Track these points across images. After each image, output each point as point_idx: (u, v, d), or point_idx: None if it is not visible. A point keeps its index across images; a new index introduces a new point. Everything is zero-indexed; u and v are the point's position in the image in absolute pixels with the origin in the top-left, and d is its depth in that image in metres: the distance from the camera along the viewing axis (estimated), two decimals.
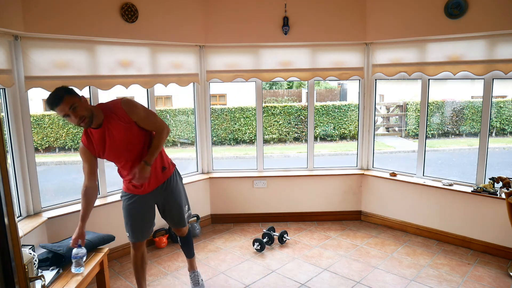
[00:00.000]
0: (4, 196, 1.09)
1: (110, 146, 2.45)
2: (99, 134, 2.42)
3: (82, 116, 2.26)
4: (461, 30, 3.52)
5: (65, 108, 2.21)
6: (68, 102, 2.21)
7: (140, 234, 2.75)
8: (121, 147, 2.46)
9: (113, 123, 2.40)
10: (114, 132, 2.41)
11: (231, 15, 4.11)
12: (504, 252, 3.56)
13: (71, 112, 2.22)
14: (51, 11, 3.05)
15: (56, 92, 2.25)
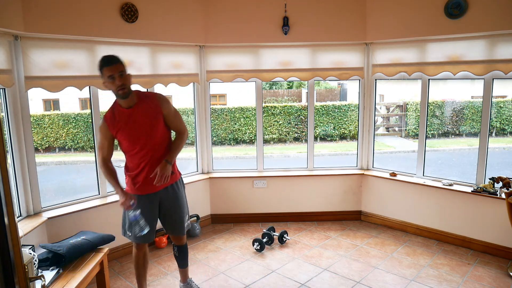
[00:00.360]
0: (4, 196, 1.09)
1: (133, 126, 2.49)
2: (127, 113, 2.50)
3: (124, 84, 2.38)
4: (461, 30, 3.52)
5: (116, 70, 2.35)
6: (120, 67, 2.38)
7: (142, 236, 2.68)
8: (143, 129, 2.50)
9: (144, 108, 2.51)
10: (142, 115, 2.50)
11: (231, 15, 4.11)
12: (504, 252, 3.56)
13: (118, 76, 2.35)
14: (51, 11, 3.05)
15: (112, 55, 2.40)
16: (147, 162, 2.57)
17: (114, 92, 2.42)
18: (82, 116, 11.40)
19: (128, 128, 2.49)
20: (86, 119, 11.30)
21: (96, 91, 3.60)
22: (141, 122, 2.50)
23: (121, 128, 2.49)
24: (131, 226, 2.65)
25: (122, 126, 2.49)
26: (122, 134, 2.50)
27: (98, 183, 3.74)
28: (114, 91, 2.40)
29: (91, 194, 3.73)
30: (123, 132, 2.50)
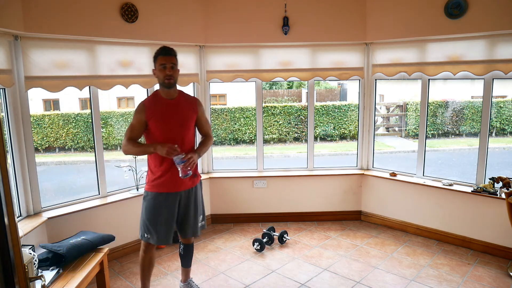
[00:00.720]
0: (4, 196, 1.09)
1: (170, 115, 2.58)
2: (167, 103, 2.61)
3: (172, 75, 2.54)
4: (461, 30, 3.52)
5: (169, 60, 2.52)
6: (174, 59, 2.55)
7: (165, 237, 2.66)
8: (178, 121, 2.61)
9: (183, 103, 2.67)
10: (180, 108, 2.64)
11: (231, 15, 4.11)
12: (504, 252, 3.56)
13: (169, 67, 2.52)
14: (51, 11, 3.05)
15: (171, 48, 2.57)
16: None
17: (161, 81, 2.56)
18: (82, 116, 11.41)
19: (165, 116, 2.56)
20: (86, 119, 11.31)
21: (96, 91, 3.60)
22: (178, 114, 2.61)
23: (158, 115, 2.55)
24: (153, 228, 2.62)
25: (160, 113, 2.56)
26: (157, 121, 2.55)
27: (98, 183, 3.74)
28: (161, 79, 2.54)
29: (91, 194, 3.73)
30: (159, 119, 2.55)
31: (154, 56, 2.56)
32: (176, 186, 2.63)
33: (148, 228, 2.65)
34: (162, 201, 2.62)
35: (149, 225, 2.64)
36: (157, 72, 2.56)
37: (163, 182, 2.61)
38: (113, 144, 11.75)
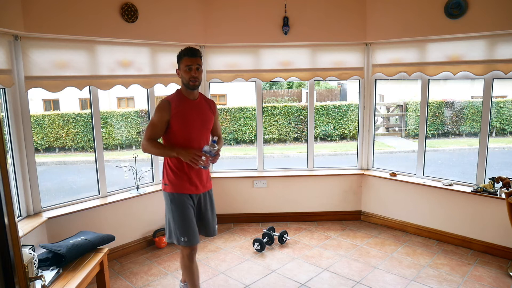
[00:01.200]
0: (4, 196, 1.09)
1: (195, 116, 2.56)
2: (192, 103, 2.59)
3: (197, 77, 2.51)
4: (461, 30, 3.52)
5: (196, 62, 2.49)
6: (199, 61, 2.52)
7: (197, 236, 2.61)
8: (201, 121, 2.60)
9: (204, 104, 2.67)
10: (203, 109, 2.64)
11: (231, 15, 4.11)
12: (504, 252, 3.56)
13: (195, 68, 2.49)
14: (51, 11, 3.06)
15: (196, 49, 2.52)
16: None
17: (185, 82, 2.52)
18: (82, 116, 11.41)
19: (189, 116, 2.53)
20: (86, 119, 11.31)
21: (96, 91, 3.60)
22: (200, 115, 2.60)
23: (182, 114, 2.51)
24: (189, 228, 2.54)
25: (184, 112, 2.52)
26: (181, 120, 2.50)
27: (98, 183, 3.74)
28: (186, 80, 2.50)
29: (91, 194, 3.73)
30: (183, 119, 2.51)
31: (179, 56, 2.52)
32: (199, 188, 2.61)
33: (184, 229, 2.54)
34: (187, 201, 2.58)
35: (184, 226, 2.54)
36: (181, 73, 2.52)
37: (188, 183, 2.57)
38: (113, 144, 11.75)
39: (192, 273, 2.68)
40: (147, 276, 3.38)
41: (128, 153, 11.22)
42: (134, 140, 11.90)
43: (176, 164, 2.56)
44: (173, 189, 2.57)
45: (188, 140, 2.53)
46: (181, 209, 2.55)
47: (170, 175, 2.58)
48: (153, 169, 4.12)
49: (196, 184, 2.60)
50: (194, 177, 2.58)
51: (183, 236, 2.54)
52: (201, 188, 2.64)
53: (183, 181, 2.56)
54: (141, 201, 3.88)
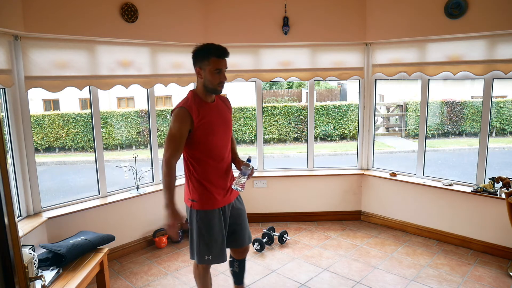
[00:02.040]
0: (4, 196, 1.09)
1: (218, 121, 2.30)
2: (211, 106, 2.31)
3: (224, 82, 2.28)
4: (461, 30, 3.52)
5: (225, 65, 2.27)
6: (226, 63, 2.30)
7: (223, 254, 2.40)
8: (225, 125, 2.36)
9: (223, 106, 2.42)
10: (222, 110, 2.39)
11: (231, 15, 4.11)
12: (504, 252, 3.56)
13: (225, 70, 2.28)
14: (51, 11, 3.05)
15: (226, 48, 2.28)
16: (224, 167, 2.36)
17: (210, 85, 2.23)
18: (82, 116, 11.41)
19: (213, 123, 2.26)
20: (86, 119, 11.31)
21: (96, 91, 3.60)
22: (223, 117, 2.35)
23: (206, 122, 2.22)
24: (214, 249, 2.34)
25: (207, 119, 2.23)
26: (206, 129, 2.22)
27: (98, 183, 3.74)
28: (213, 84, 2.22)
29: (91, 194, 3.73)
30: (207, 127, 2.22)
31: (204, 53, 2.19)
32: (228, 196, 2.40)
33: (211, 248, 2.33)
34: (218, 217, 2.34)
35: (211, 244, 2.33)
36: (208, 75, 2.19)
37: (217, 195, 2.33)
38: (113, 144, 11.75)
39: (206, 284, 2.54)
40: (147, 276, 3.38)
41: (128, 153, 11.22)
42: (134, 140, 11.90)
43: (203, 175, 2.29)
44: (203, 206, 2.31)
45: (213, 148, 2.27)
46: (211, 227, 2.32)
47: (197, 189, 2.31)
48: (153, 169, 4.12)
49: (225, 194, 2.37)
50: (222, 186, 2.35)
51: (208, 255, 2.34)
52: (231, 197, 2.43)
53: (212, 195, 2.31)
54: (141, 201, 3.88)
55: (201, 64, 2.21)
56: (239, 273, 2.72)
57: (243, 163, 2.37)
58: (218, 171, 2.33)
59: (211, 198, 2.32)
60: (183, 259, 3.69)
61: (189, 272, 3.43)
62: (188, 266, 3.54)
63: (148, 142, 5.33)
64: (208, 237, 2.33)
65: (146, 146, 11.52)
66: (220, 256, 2.38)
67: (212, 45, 2.21)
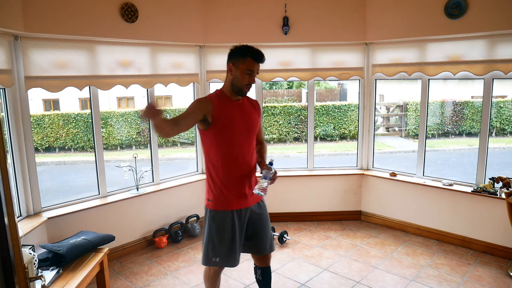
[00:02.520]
0: (4, 196, 1.09)
1: (239, 118, 2.26)
2: (235, 104, 2.29)
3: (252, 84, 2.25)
4: (461, 30, 3.52)
5: (258, 68, 2.23)
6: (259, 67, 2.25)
7: (233, 258, 2.33)
8: (248, 124, 2.31)
9: (248, 105, 2.37)
10: (247, 110, 2.34)
11: (231, 15, 4.11)
12: (504, 252, 3.56)
13: (257, 73, 2.24)
14: (51, 11, 3.05)
15: (263, 53, 2.24)
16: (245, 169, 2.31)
17: (238, 85, 2.21)
18: (82, 116, 11.41)
19: (233, 118, 2.24)
20: (86, 119, 11.31)
21: (96, 91, 3.60)
22: (246, 117, 2.30)
23: (225, 115, 2.21)
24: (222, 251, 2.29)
25: (227, 113, 2.22)
26: (224, 122, 2.20)
27: (98, 183, 3.74)
28: (241, 84, 2.21)
29: (91, 194, 3.73)
30: (226, 121, 2.21)
31: (241, 53, 2.19)
32: (249, 199, 2.33)
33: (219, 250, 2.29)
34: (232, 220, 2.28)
35: (220, 247, 2.28)
36: (238, 73, 2.18)
37: (235, 197, 2.28)
38: (113, 144, 11.75)
39: (214, 285, 2.50)
40: (147, 276, 3.38)
41: (128, 153, 11.22)
42: (134, 140, 11.90)
43: (220, 177, 2.27)
44: (217, 206, 2.29)
45: (231, 146, 2.24)
46: (221, 228, 2.28)
47: (214, 189, 2.30)
48: (153, 169, 4.12)
49: (244, 197, 2.31)
50: (241, 189, 2.29)
51: (215, 257, 2.30)
52: (251, 200, 2.34)
53: (229, 197, 2.27)
54: (141, 201, 3.88)
55: (236, 61, 2.21)
56: (263, 281, 2.59)
57: (265, 167, 2.32)
58: (237, 172, 2.28)
59: (226, 199, 2.28)
60: (183, 259, 3.69)
61: (189, 272, 3.44)
62: (188, 266, 3.55)
63: (148, 142, 5.34)
64: (217, 238, 2.28)
65: (146, 146, 11.52)
66: (228, 260, 2.32)
67: (252, 48, 2.22)
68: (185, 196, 4.24)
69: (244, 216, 2.33)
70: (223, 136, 2.22)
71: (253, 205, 2.37)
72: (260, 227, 2.41)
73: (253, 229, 2.39)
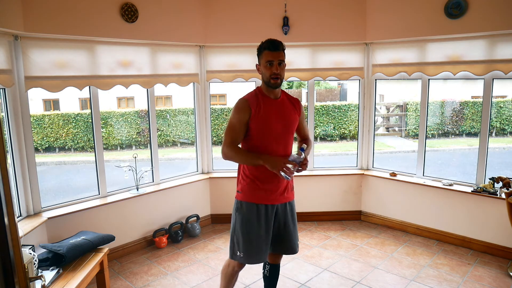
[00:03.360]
0: (4, 196, 1.09)
1: (277, 117, 2.27)
2: (274, 102, 2.30)
3: (279, 74, 2.22)
4: (461, 30, 3.52)
5: (278, 57, 2.20)
6: (282, 55, 2.23)
7: (259, 255, 2.31)
8: (285, 123, 2.30)
9: (288, 104, 2.37)
10: (285, 109, 2.34)
11: (231, 15, 4.11)
12: (504, 252, 3.56)
13: (277, 64, 2.21)
14: (51, 11, 3.06)
15: (279, 41, 2.23)
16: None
17: (266, 79, 2.25)
18: (82, 116, 11.41)
19: (270, 117, 2.24)
20: (86, 119, 11.31)
21: (96, 91, 3.60)
22: (284, 115, 2.30)
23: (263, 115, 2.23)
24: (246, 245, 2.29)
25: (265, 113, 2.23)
26: (261, 122, 2.23)
27: (98, 183, 3.74)
28: (267, 77, 2.23)
29: (91, 194, 3.73)
30: (263, 120, 2.23)
31: (259, 50, 2.26)
32: (277, 198, 2.31)
33: (244, 244, 2.29)
34: (258, 213, 2.28)
35: (245, 240, 2.28)
36: (261, 68, 2.25)
37: (263, 192, 2.28)
38: (113, 144, 11.75)
39: (230, 283, 2.50)
40: (147, 276, 3.38)
41: (128, 153, 11.22)
42: (134, 140, 11.90)
43: (252, 169, 2.28)
44: (244, 197, 2.31)
45: (269, 144, 2.25)
46: (246, 221, 2.29)
47: (243, 182, 2.33)
48: (153, 169, 4.13)
49: (274, 194, 2.29)
50: (272, 186, 2.28)
51: (240, 251, 2.30)
52: (280, 198, 2.32)
53: (258, 190, 2.28)
54: (141, 201, 3.88)
55: (259, 60, 2.28)
56: (269, 278, 2.58)
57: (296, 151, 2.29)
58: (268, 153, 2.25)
59: (255, 192, 2.28)
60: (183, 259, 3.69)
61: (189, 272, 3.44)
62: (188, 266, 3.55)
63: (148, 142, 5.33)
64: (242, 231, 2.28)
65: (146, 146, 11.52)
66: (252, 256, 2.30)
67: (266, 40, 2.24)
68: (185, 196, 4.24)
69: (271, 213, 2.31)
70: (259, 132, 2.25)
71: (282, 203, 2.36)
72: (285, 227, 2.38)
73: (278, 228, 2.37)
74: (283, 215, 2.37)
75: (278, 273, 2.61)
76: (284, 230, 2.39)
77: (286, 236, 2.40)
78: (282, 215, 2.37)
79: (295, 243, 2.45)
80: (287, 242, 2.42)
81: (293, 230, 2.43)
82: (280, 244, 2.42)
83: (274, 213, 2.33)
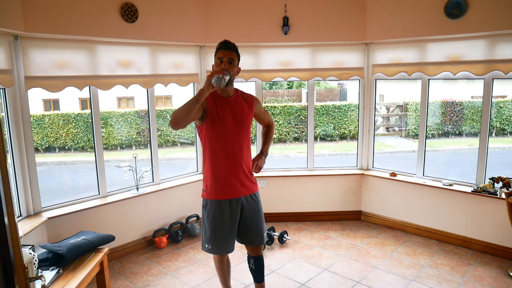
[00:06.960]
0: (4, 196, 1.09)
1: (229, 114, 2.41)
2: (225, 100, 2.44)
3: (228, 72, 2.29)
4: (461, 30, 3.52)
5: (230, 55, 2.36)
6: (233, 55, 2.38)
7: (224, 246, 2.52)
8: (238, 120, 2.44)
9: (240, 102, 2.50)
10: (238, 107, 2.47)
11: (231, 15, 4.11)
12: (504, 252, 3.56)
13: (228, 62, 2.35)
14: (51, 11, 3.06)
15: (232, 43, 2.42)
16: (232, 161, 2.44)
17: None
18: (82, 116, 11.41)
19: (222, 114, 2.39)
20: (86, 119, 11.30)
21: (96, 91, 3.60)
22: (236, 112, 2.44)
23: (215, 111, 2.37)
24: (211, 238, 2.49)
25: (217, 110, 2.38)
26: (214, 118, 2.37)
27: (98, 183, 3.74)
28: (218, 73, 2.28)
29: (91, 194, 3.73)
30: (216, 116, 2.37)
31: (215, 50, 2.41)
32: (239, 190, 2.47)
33: (210, 238, 2.49)
34: (221, 209, 2.45)
35: (211, 234, 2.48)
36: (214, 67, 2.40)
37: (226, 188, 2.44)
38: (113, 144, 11.75)
39: (222, 271, 2.76)
40: (147, 276, 3.38)
41: (128, 153, 11.22)
42: (134, 140, 11.90)
43: (213, 170, 2.44)
44: (208, 195, 2.48)
45: (226, 140, 2.40)
46: (212, 217, 2.46)
47: (207, 180, 2.48)
48: (153, 169, 4.13)
49: (235, 187, 2.45)
50: (233, 180, 2.44)
51: (207, 243, 2.52)
52: (242, 190, 2.48)
53: (218, 187, 2.44)
54: (141, 201, 3.88)
55: (214, 60, 2.42)
56: (256, 270, 2.73)
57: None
58: (226, 163, 2.44)
59: (217, 189, 2.45)
60: (183, 259, 3.69)
61: (189, 272, 3.44)
62: (188, 266, 3.55)
63: (148, 142, 5.33)
64: (208, 226, 2.49)
65: (146, 146, 11.52)
66: (219, 247, 2.52)
67: (221, 41, 2.41)
68: (185, 196, 4.24)
69: (235, 206, 2.48)
70: (212, 130, 2.40)
71: (244, 196, 2.51)
72: (250, 218, 2.54)
73: (245, 220, 2.53)
74: (248, 208, 2.53)
75: (263, 264, 2.75)
76: (251, 222, 2.55)
77: (253, 228, 2.56)
78: (248, 208, 2.52)
79: (262, 234, 2.61)
80: (255, 234, 2.58)
81: (260, 222, 2.60)
82: (247, 235, 2.58)
83: (240, 207, 2.49)
